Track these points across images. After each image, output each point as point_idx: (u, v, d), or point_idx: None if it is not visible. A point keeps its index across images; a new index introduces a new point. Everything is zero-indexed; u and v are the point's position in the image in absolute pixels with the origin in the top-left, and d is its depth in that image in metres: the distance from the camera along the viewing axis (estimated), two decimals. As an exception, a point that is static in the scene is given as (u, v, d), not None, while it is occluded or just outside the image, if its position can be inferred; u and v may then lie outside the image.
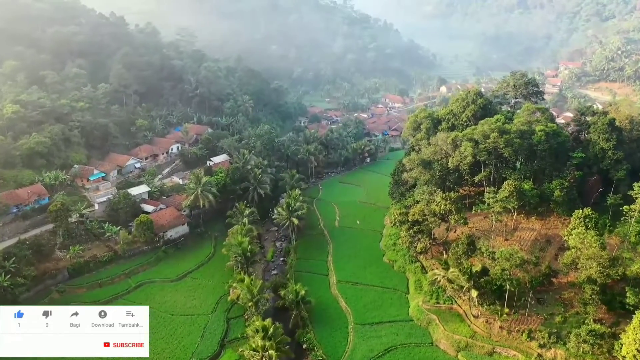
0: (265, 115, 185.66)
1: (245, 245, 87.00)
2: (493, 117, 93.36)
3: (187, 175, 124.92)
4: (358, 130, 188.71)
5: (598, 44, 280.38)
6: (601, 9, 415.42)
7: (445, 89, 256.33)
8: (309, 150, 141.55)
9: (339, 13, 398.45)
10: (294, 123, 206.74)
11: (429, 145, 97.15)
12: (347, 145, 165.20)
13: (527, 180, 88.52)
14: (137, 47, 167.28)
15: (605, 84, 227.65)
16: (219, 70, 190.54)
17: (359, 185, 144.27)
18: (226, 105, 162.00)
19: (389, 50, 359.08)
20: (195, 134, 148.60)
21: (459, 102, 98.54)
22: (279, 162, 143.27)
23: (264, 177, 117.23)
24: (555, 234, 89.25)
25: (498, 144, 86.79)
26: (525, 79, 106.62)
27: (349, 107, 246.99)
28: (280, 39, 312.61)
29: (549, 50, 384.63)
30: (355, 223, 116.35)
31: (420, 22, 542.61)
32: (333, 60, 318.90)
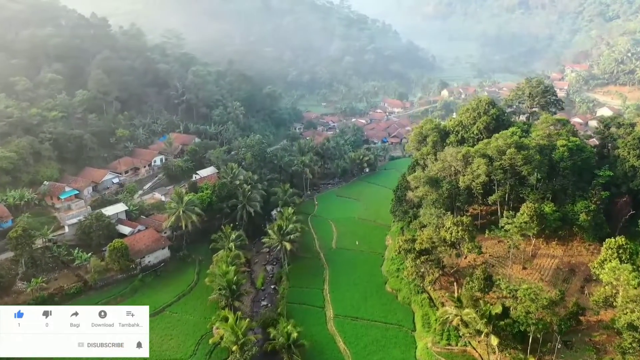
0: (257, 122, 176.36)
1: (230, 277, 77.53)
2: (508, 130, 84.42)
3: (171, 190, 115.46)
4: (356, 137, 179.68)
5: (605, 45, 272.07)
6: (605, 9, 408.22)
7: (446, 92, 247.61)
8: (304, 161, 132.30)
9: (336, 14, 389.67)
10: (288, 130, 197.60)
11: (436, 160, 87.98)
12: (344, 155, 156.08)
13: (547, 202, 79.38)
14: (120, 50, 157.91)
15: (614, 87, 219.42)
16: (208, 74, 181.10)
17: (357, 199, 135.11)
18: (215, 113, 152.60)
19: (388, 52, 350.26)
20: (181, 144, 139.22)
21: (469, 113, 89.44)
22: (272, 174, 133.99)
23: (253, 193, 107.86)
24: (580, 262, 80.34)
25: (515, 161, 77.80)
26: (542, 87, 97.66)
27: (346, 112, 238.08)
28: (274, 41, 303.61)
29: (552, 52, 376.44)
30: (354, 244, 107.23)
31: (420, 23, 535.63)
32: (330, 63, 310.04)
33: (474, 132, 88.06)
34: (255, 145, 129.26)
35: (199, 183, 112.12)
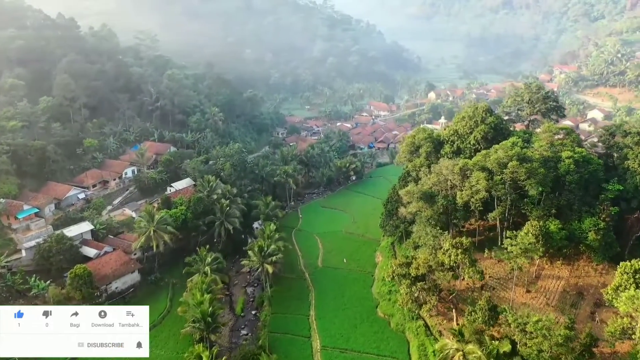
0: (237, 128, 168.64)
1: (205, 308, 69.86)
2: (508, 140, 78.27)
3: (143, 205, 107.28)
4: (342, 143, 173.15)
5: (593, 46, 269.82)
6: (589, 9, 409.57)
7: (434, 95, 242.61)
8: (287, 171, 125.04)
9: (319, 14, 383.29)
10: (270, 135, 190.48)
11: (430, 173, 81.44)
12: (330, 163, 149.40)
13: (552, 219, 73.30)
14: (89, 52, 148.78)
15: (604, 89, 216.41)
16: (185, 78, 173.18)
17: (343, 211, 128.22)
18: (192, 119, 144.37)
19: (373, 53, 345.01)
20: (155, 153, 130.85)
21: (464, 121, 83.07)
22: (253, 185, 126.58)
23: (232, 209, 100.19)
24: (588, 284, 74.45)
25: (518, 175, 71.49)
26: (542, 93, 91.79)
27: (330, 116, 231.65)
28: (255, 42, 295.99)
29: (538, 53, 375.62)
30: (341, 261, 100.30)
31: (404, 24, 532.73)
32: (313, 65, 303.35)
33: (471, 142, 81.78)
34: (234, 155, 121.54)
35: (173, 197, 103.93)
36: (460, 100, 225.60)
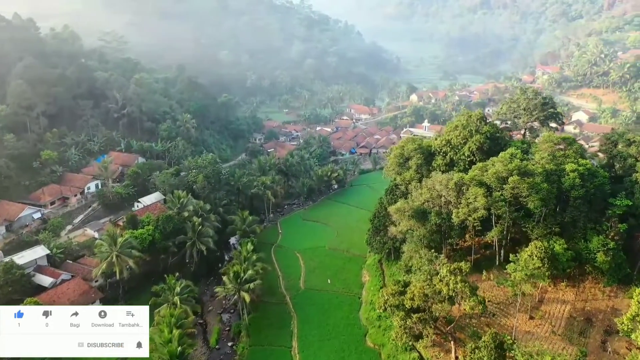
0: (212, 135, 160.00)
1: (173, 347, 61.88)
2: (506, 152, 71.99)
3: (107, 225, 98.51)
4: (322, 150, 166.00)
5: (575, 46, 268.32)
6: (567, 9, 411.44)
7: (415, 97, 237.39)
8: (265, 183, 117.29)
9: (296, 14, 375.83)
10: (247, 142, 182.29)
11: (422, 187, 74.76)
12: (310, 171, 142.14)
13: (556, 237, 67.30)
14: (49, 56, 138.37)
15: (588, 90, 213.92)
16: (155, 82, 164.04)
17: (326, 224, 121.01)
18: (162, 127, 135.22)
19: (351, 54, 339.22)
20: (122, 164, 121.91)
21: (458, 131, 76.60)
22: (229, 198, 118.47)
23: (205, 227, 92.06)
24: (597, 309, 68.55)
25: (520, 191, 65.22)
26: (540, 99, 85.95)
27: (310, 120, 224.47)
28: (230, 43, 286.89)
29: (518, 53, 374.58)
30: (325, 282, 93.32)
31: (382, 24, 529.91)
32: (291, 66, 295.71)
33: (465, 154, 75.40)
34: (208, 166, 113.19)
35: (139, 215, 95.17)
36: (442, 102, 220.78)
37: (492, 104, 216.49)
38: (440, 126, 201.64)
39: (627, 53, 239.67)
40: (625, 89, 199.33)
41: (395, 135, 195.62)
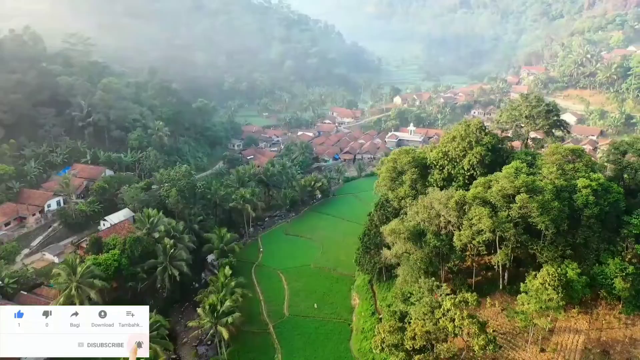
0: (187, 143, 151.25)
1: (139, 400, 53.44)
2: (510, 165, 65.64)
3: (69, 247, 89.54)
4: (305, 156, 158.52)
5: (559, 46, 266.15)
6: (548, 8, 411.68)
7: (399, 100, 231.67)
8: (244, 196, 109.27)
9: (274, 14, 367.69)
10: (225, 149, 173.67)
11: (418, 206, 67.94)
12: (293, 181, 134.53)
13: (568, 261, 61.10)
14: (7, 60, 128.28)
15: (574, 91, 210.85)
16: (126, 86, 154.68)
17: (310, 238, 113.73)
18: (132, 136, 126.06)
19: (332, 55, 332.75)
20: (87, 178, 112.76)
21: (456, 142, 70.00)
22: (205, 212, 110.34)
23: (178, 250, 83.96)
24: (613, 340, 62.48)
25: (528, 211, 58.84)
26: (544, 106, 79.95)
27: (290, 124, 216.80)
28: (206, 44, 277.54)
29: (500, 53, 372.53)
30: (311, 307, 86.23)
31: (362, 24, 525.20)
32: (270, 68, 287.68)
33: (465, 168, 68.86)
34: (181, 179, 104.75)
35: (105, 237, 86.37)
36: (427, 105, 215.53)
37: (478, 106, 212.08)
38: (425, 129, 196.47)
39: (611, 53, 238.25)
40: (612, 89, 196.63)
41: (380, 140, 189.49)
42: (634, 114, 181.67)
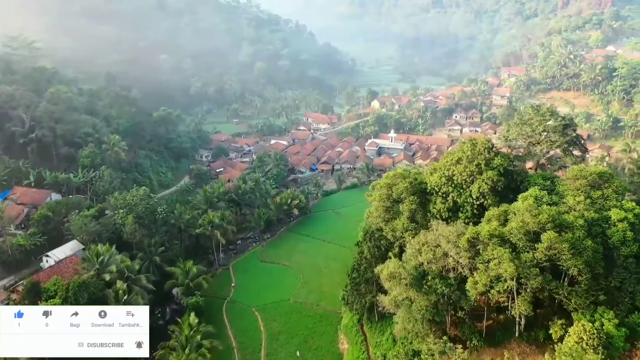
0: (148, 157, 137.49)
1: None
2: (527, 192, 55.63)
3: (1, 293, 75.62)
4: (279, 169, 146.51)
5: (539, 46, 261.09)
6: (521, 8, 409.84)
7: (377, 103, 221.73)
8: (213, 221, 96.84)
9: (243, 14, 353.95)
10: (192, 161, 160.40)
11: (420, 242, 57.16)
12: (267, 197, 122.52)
13: (603, 309, 51.27)
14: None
15: (558, 93, 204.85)
16: (79, 94, 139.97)
17: (289, 265, 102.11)
18: (83, 153, 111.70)
19: (305, 57, 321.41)
20: (30, 204, 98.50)
21: (462, 165, 59.43)
22: (168, 238, 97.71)
23: (133, 295, 71.00)
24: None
25: (558, 252, 48.66)
26: (560, 121, 69.97)
27: (263, 131, 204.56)
28: (171, 46, 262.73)
29: (476, 53, 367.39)
30: (293, 354, 74.70)
31: (334, 23, 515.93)
32: (239, 71, 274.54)
33: (474, 195, 58.33)
34: (139, 203, 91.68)
35: (44, 281, 72.83)
36: (407, 109, 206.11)
37: (460, 109, 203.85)
38: (406, 135, 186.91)
39: (590, 53, 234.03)
40: (597, 91, 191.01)
41: (359, 147, 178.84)
42: (621, 117, 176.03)
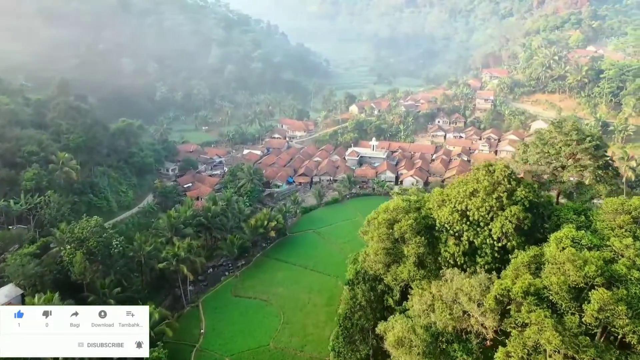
0: (106, 175, 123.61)
1: None
2: (561, 232, 45.63)
3: None
4: (254, 184, 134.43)
5: (520, 47, 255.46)
6: (496, 7, 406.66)
7: (356, 108, 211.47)
8: (178, 254, 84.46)
9: (212, 14, 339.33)
10: (157, 175, 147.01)
11: (434, 298, 46.53)
12: (241, 220, 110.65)
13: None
14: None
15: (543, 95, 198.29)
16: (26, 105, 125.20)
17: (266, 300, 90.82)
18: (26, 175, 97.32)
19: (278, 59, 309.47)
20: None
21: (479, 198, 49.08)
22: (127, 272, 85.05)
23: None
24: None
25: (615, 316, 38.68)
26: (589, 141, 59.69)
27: (235, 139, 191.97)
28: (134, 49, 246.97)
29: (453, 53, 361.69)
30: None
31: (306, 24, 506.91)
32: (208, 75, 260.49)
33: (495, 235, 48.04)
34: (90, 237, 78.63)
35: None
36: (387, 114, 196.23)
37: (443, 114, 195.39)
38: (388, 142, 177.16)
39: (572, 53, 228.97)
40: (583, 94, 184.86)
41: (338, 156, 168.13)
42: (610, 121, 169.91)
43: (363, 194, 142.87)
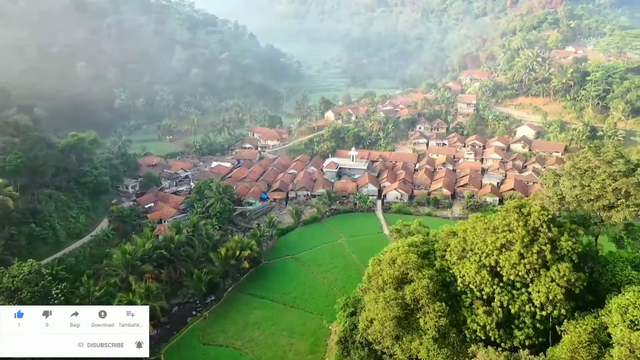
0: (53, 199, 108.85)
1: None
2: (626, 299, 34.88)
3: None
4: (223, 203, 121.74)
5: (499, 47, 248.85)
6: (469, 7, 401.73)
7: (332, 115, 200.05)
8: (134, 302, 71.28)
9: (175, 14, 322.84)
10: (113, 196, 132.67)
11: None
12: (209, 249, 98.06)
13: None
14: None
15: (526, 99, 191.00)
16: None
17: (241, 348, 78.95)
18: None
19: (247, 61, 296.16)
20: None
21: (516, 253, 38.14)
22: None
23: None
24: None
25: None
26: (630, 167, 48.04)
27: (202, 150, 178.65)
28: (90, 51, 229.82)
29: (427, 54, 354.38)
30: None
31: (275, 24, 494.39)
32: (173, 79, 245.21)
33: (539, 302, 37.27)
34: (24, 288, 64.88)
35: None
36: (366, 120, 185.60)
37: (424, 119, 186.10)
38: (367, 151, 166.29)
39: (550, 53, 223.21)
40: (569, 97, 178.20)
41: (316, 168, 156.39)
42: (598, 125, 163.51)
43: (344, 210, 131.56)
